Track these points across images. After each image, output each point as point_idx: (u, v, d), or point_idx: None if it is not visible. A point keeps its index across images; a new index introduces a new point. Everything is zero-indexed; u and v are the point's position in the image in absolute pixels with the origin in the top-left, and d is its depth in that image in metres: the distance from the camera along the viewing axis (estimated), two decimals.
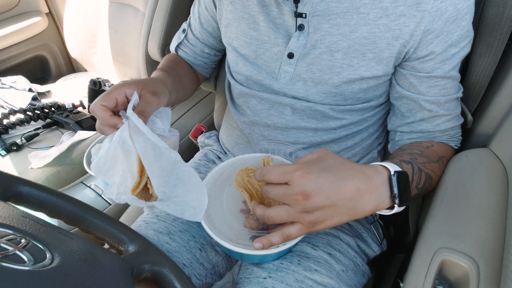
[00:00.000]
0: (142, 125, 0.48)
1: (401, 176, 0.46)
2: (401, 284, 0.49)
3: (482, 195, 0.52)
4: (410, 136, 0.63)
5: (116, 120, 0.50)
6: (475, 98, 0.65)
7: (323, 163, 0.44)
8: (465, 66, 0.67)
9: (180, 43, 0.81)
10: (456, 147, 0.64)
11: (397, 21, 0.52)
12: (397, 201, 0.45)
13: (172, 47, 0.83)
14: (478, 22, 0.64)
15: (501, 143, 0.59)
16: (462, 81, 0.67)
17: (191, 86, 0.82)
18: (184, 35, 0.80)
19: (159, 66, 0.75)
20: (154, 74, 0.70)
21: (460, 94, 0.60)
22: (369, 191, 0.44)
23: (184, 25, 0.81)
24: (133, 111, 0.50)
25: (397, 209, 0.46)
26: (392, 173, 0.46)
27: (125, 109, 0.51)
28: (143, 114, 0.51)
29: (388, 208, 0.47)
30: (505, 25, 0.58)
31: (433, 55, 0.54)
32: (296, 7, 0.56)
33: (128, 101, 0.52)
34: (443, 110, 0.59)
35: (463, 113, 0.65)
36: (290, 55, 0.60)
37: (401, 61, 0.57)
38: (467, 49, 0.55)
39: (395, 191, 0.45)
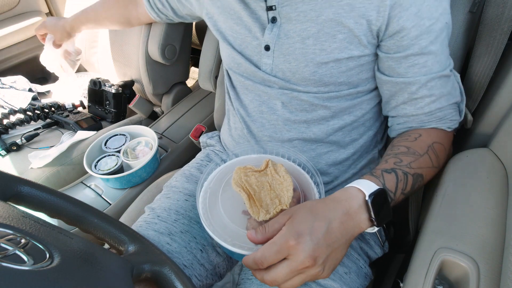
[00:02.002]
0: None
1: (377, 197, 0.47)
2: (401, 284, 0.49)
3: (482, 195, 0.52)
4: (399, 121, 0.63)
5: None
6: (475, 98, 0.65)
7: (303, 213, 0.46)
8: (465, 66, 0.67)
9: None
10: (450, 129, 0.61)
11: None
12: (375, 223, 0.47)
13: None
14: (478, 22, 0.64)
15: (501, 143, 0.59)
16: (462, 81, 0.67)
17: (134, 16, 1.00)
18: None
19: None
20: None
21: (446, 72, 0.57)
22: (349, 220, 0.47)
23: None
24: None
25: (377, 228, 0.49)
26: (367, 197, 0.47)
27: None
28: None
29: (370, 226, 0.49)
30: (505, 25, 0.58)
31: (405, 31, 0.53)
32: (265, 1, 0.58)
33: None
34: (426, 90, 0.57)
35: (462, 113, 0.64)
36: (267, 47, 0.62)
37: (378, 41, 0.56)
38: (444, 20, 0.54)
39: (372, 214, 0.47)
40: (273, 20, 0.60)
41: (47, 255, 0.31)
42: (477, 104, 0.65)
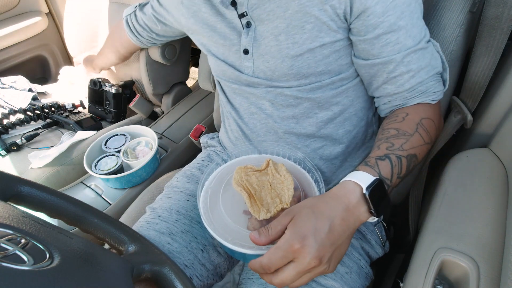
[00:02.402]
0: None
1: (375, 189, 0.48)
2: (401, 284, 0.49)
3: (482, 195, 0.52)
4: (384, 101, 0.63)
5: None
6: (475, 98, 0.65)
7: (305, 214, 0.46)
8: (465, 66, 0.67)
9: (128, 16, 0.95)
10: (434, 102, 0.60)
11: None
12: (374, 214, 0.48)
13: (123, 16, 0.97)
14: (477, 22, 0.64)
15: (501, 143, 0.59)
16: (462, 81, 0.67)
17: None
18: (134, 17, 0.94)
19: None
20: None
21: (422, 45, 0.56)
22: (349, 215, 0.47)
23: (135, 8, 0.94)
24: None
25: (376, 218, 0.49)
26: (364, 190, 0.48)
27: None
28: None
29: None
30: (504, 25, 0.58)
31: (370, 9, 0.53)
32: (236, 10, 0.61)
33: None
34: (402, 67, 0.57)
35: (462, 113, 0.64)
36: (246, 51, 0.64)
37: (348, 25, 0.57)
38: None
39: (371, 207, 0.48)
40: (248, 25, 0.62)
41: (47, 255, 0.31)
42: (477, 104, 0.65)
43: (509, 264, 0.39)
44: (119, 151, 0.98)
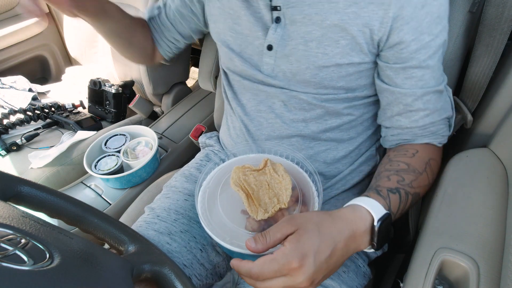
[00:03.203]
0: None
1: (383, 223, 0.48)
2: (401, 284, 0.49)
3: (482, 195, 0.52)
4: (392, 132, 0.63)
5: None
6: (475, 98, 0.65)
7: (310, 230, 0.44)
8: (465, 66, 0.67)
9: (151, 18, 0.83)
10: (440, 145, 0.62)
11: (366, 8, 0.53)
12: (374, 248, 0.49)
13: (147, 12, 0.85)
14: (477, 22, 0.64)
15: (501, 143, 0.59)
16: (462, 81, 0.67)
17: (139, 47, 0.83)
18: (157, 12, 0.82)
19: None
20: None
21: (441, 88, 0.58)
22: (354, 241, 0.47)
23: (160, 2, 0.83)
24: None
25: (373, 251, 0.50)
26: (375, 222, 0.47)
27: None
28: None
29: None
30: (504, 25, 0.58)
31: (405, 44, 0.54)
32: (271, 1, 0.58)
33: None
34: (420, 103, 0.58)
35: (463, 113, 0.64)
36: (269, 47, 0.62)
37: (378, 51, 0.57)
38: (442, 37, 0.55)
39: (375, 241, 0.48)
40: (277, 20, 0.60)
41: (47, 255, 0.31)
42: (477, 104, 0.65)
43: (509, 264, 0.39)
44: (119, 151, 0.98)
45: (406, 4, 0.51)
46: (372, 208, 0.48)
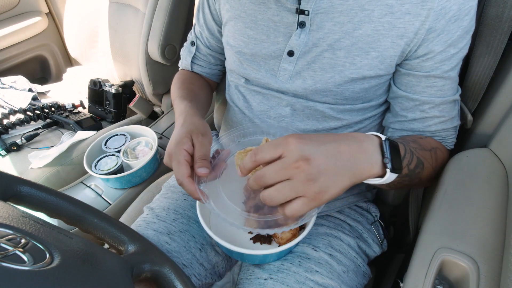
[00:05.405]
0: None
1: (392, 145, 0.46)
2: (401, 284, 0.49)
3: (482, 195, 0.52)
4: (401, 134, 0.63)
5: (201, 196, 0.52)
6: (475, 98, 0.65)
7: (309, 137, 0.42)
8: (465, 66, 0.67)
9: (193, 57, 0.79)
10: (446, 147, 0.62)
11: (402, 19, 0.52)
12: (389, 165, 0.44)
13: (184, 64, 0.81)
14: (478, 22, 0.64)
15: (501, 143, 0.59)
16: (462, 81, 0.67)
17: (209, 99, 0.80)
18: (194, 47, 0.78)
19: (178, 93, 0.72)
20: (178, 104, 0.69)
21: (457, 97, 0.59)
22: (361, 152, 0.43)
23: (191, 37, 0.79)
24: (196, 159, 0.52)
25: (389, 175, 0.45)
26: (383, 139, 0.45)
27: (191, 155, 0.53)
28: (205, 158, 0.52)
29: (379, 176, 0.45)
30: (505, 25, 0.58)
31: (432, 54, 0.53)
32: (299, 4, 0.55)
33: (190, 152, 0.53)
34: (437, 111, 0.58)
35: (463, 113, 0.64)
36: (290, 53, 0.59)
37: (402, 60, 0.56)
38: (465, 51, 0.55)
39: (387, 155, 0.44)
40: (301, 25, 0.56)
41: (47, 255, 0.31)
42: (477, 104, 0.65)
43: (509, 264, 0.39)
44: (119, 151, 0.98)
45: (441, 16, 0.50)
46: (377, 133, 0.47)
